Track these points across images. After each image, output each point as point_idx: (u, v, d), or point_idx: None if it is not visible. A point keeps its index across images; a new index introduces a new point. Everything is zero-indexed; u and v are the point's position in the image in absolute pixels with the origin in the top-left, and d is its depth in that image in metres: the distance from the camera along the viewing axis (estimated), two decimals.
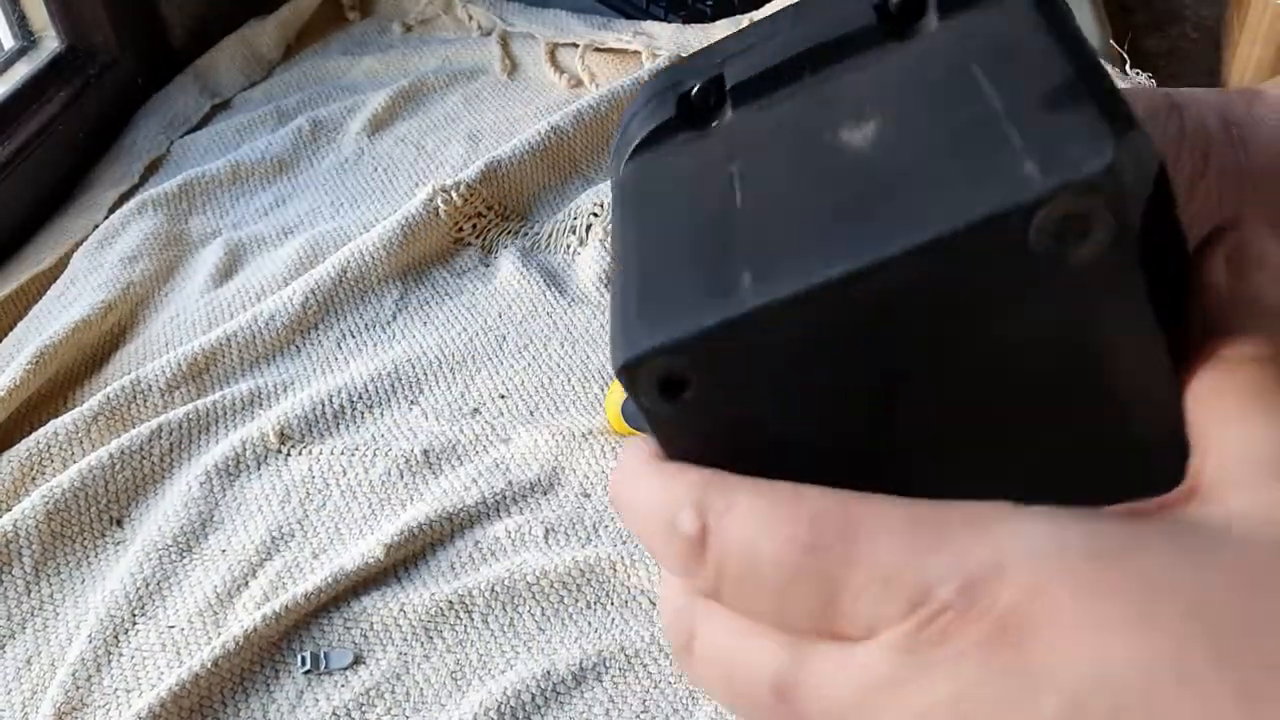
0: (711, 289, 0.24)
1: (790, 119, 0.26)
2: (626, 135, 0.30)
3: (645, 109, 0.29)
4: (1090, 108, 0.22)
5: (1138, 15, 0.99)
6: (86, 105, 0.81)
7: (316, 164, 0.80)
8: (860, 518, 0.21)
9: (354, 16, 0.97)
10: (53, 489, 0.55)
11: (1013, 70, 0.24)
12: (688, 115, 0.28)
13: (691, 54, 0.30)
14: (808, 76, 0.27)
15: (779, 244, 0.24)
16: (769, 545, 0.22)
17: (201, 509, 0.54)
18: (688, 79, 0.29)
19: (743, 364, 0.24)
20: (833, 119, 0.25)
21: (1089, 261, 0.22)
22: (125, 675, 0.48)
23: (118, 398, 0.60)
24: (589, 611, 0.49)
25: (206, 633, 0.49)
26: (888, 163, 0.24)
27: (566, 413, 0.59)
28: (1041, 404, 0.24)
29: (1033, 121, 0.23)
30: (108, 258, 0.72)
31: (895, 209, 0.23)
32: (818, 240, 0.23)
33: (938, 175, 0.23)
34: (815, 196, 0.24)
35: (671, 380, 0.24)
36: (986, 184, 0.22)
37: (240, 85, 0.90)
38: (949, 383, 0.23)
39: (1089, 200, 0.21)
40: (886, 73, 0.26)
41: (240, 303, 0.68)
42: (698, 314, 0.24)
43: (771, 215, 0.25)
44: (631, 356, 0.24)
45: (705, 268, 0.24)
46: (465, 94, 0.86)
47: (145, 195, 0.76)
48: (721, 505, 0.23)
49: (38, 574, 0.53)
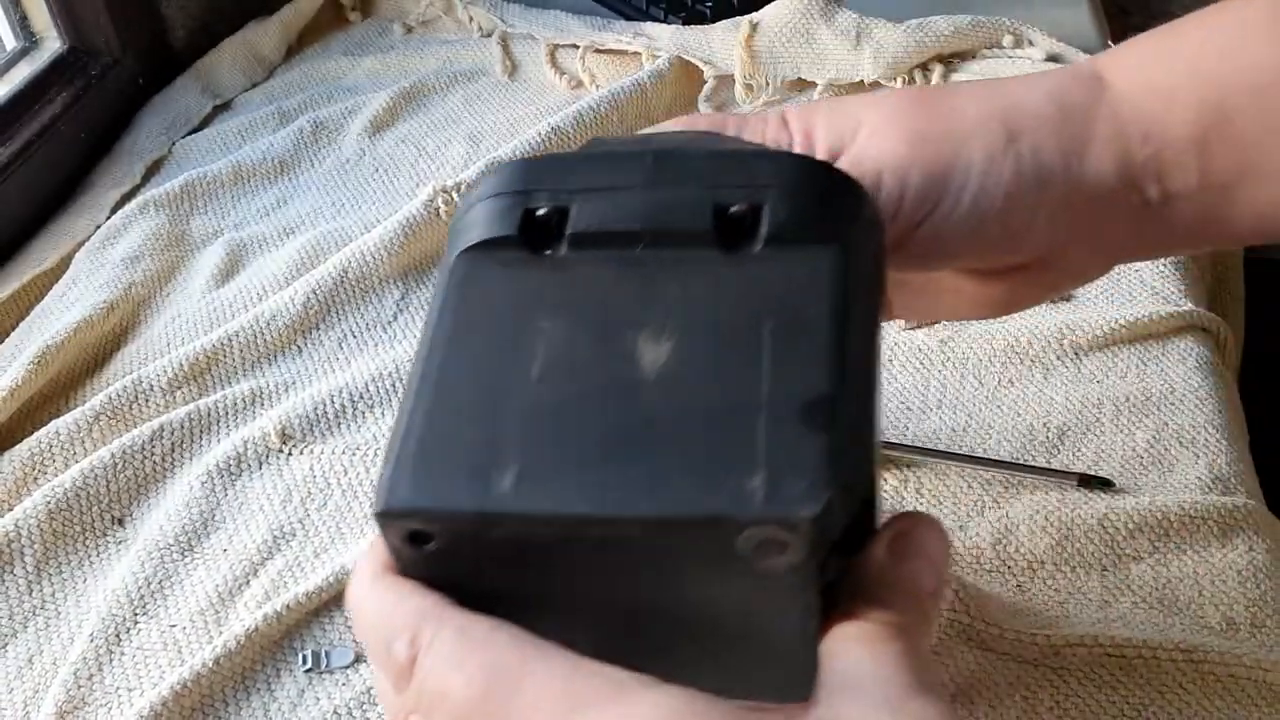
0: (477, 470, 0.27)
1: (608, 297, 0.30)
2: (465, 221, 0.32)
3: (489, 205, 0.32)
4: (828, 441, 0.26)
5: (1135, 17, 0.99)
6: (88, 106, 0.82)
7: (318, 165, 0.81)
8: (530, 671, 0.25)
9: (355, 18, 0.97)
10: (54, 489, 0.55)
11: (792, 356, 0.28)
12: (527, 237, 0.31)
13: (547, 161, 0.33)
14: (641, 250, 0.30)
15: (548, 452, 0.27)
16: (456, 683, 0.25)
17: (203, 508, 0.54)
18: (536, 194, 0.31)
19: (484, 543, 0.27)
20: (640, 320, 0.29)
21: (776, 571, 0.26)
22: (127, 674, 0.48)
23: (119, 398, 0.60)
24: None
25: (208, 632, 0.50)
26: (662, 403, 0.27)
27: None
28: (711, 636, 0.28)
29: (779, 434, 0.26)
30: (109, 258, 0.72)
31: (647, 466, 0.26)
32: (578, 467, 0.27)
33: (691, 444, 0.27)
34: (594, 409, 0.27)
35: (419, 534, 0.27)
36: (719, 482, 0.26)
37: (241, 86, 0.90)
38: (642, 610, 0.27)
39: (792, 534, 0.25)
40: (701, 291, 0.29)
41: (242, 303, 0.68)
42: (457, 493, 0.27)
43: (553, 411, 0.28)
44: (387, 509, 0.27)
45: (481, 444, 0.27)
46: (466, 95, 0.86)
47: (147, 196, 0.77)
48: (429, 638, 0.26)
49: (39, 573, 0.53)
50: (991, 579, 0.49)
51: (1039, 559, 0.50)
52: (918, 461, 0.54)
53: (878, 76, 0.78)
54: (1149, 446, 0.54)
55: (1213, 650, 0.45)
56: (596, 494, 0.26)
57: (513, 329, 0.29)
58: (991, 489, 0.53)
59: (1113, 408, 0.56)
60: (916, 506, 0.52)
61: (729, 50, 0.81)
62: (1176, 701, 0.44)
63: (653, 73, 0.81)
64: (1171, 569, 0.49)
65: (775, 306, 0.29)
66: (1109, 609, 0.48)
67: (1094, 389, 0.57)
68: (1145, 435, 0.55)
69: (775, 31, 0.80)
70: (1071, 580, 0.49)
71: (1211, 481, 0.52)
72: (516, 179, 0.32)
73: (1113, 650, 0.45)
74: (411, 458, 0.27)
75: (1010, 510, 0.52)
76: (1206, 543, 0.50)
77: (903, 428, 0.56)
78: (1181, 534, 0.50)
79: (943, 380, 0.59)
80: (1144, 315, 0.59)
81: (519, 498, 0.26)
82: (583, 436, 0.27)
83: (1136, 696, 0.45)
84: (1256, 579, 0.48)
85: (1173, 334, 0.60)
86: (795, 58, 0.80)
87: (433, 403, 0.28)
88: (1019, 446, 0.55)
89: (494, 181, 0.32)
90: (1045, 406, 0.57)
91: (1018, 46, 0.78)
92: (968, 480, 0.53)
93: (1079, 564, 0.49)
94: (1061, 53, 0.77)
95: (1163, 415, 0.56)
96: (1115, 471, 0.53)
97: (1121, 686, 0.45)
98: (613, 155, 0.32)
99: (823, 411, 0.27)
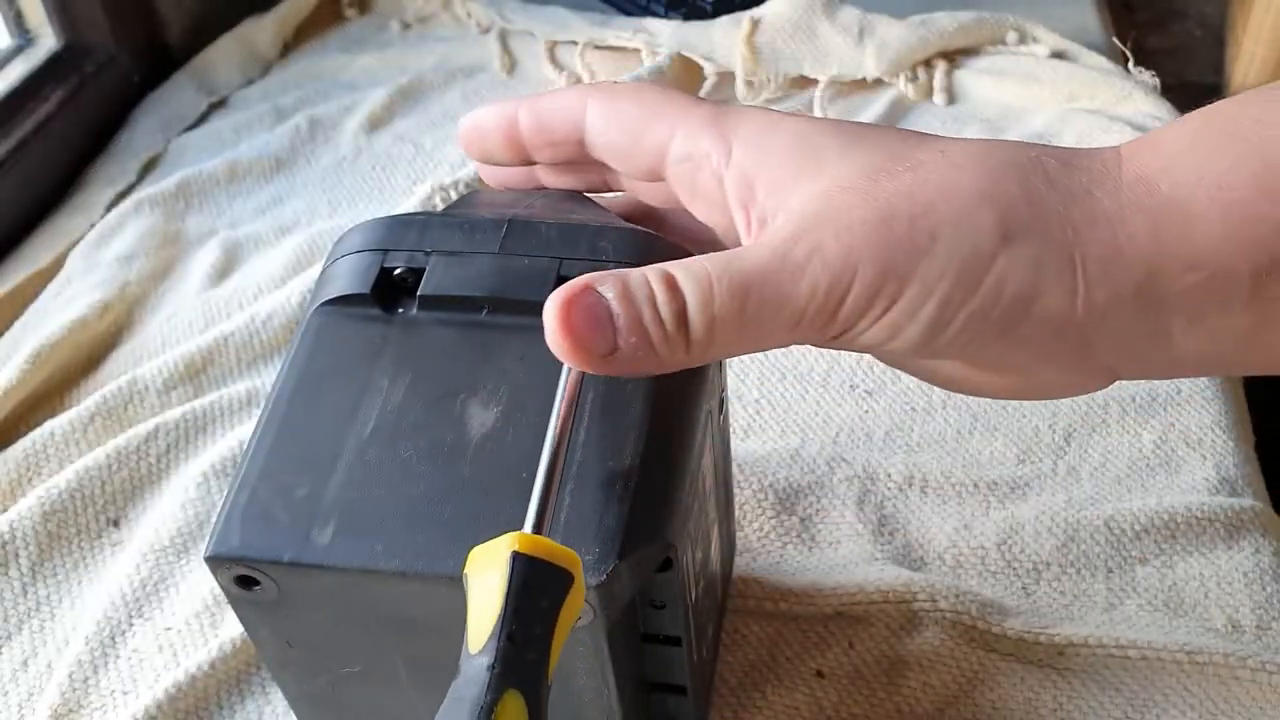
0: (299, 523, 0.30)
1: (447, 360, 0.32)
2: (328, 274, 0.35)
3: (350, 261, 0.34)
4: (623, 512, 0.29)
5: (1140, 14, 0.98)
6: (83, 104, 0.81)
7: (314, 162, 0.80)
8: None
9: (352, 14, 0.97)
10: (49, 490, 0.54)
11: (605, 428, 0.30)
12: (380, 296, 0.33)
13: (410, 220, 0.34)
14: (485, 315, 0.33)
15: (366, 510, 0.30)
16: None
17: (198, 510, 0.54)
18: (394, 254, 0.34)
19: (303, 587, 0.30)
20: (474, 385, 0.31)
21: (572, 628, 0.28)
22: (122, 677, 0.48)
23: (115, 398, 0.59)
24: None
25: (204, 634, 0.49)
26: (480, 469, 0.30)
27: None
28: None
29: (580, 504, 0.29)
30: (104, 257, 0.71)
31: (453, 529, 0.29)
32: (391, 526, 0.29)
33: (498, 510, 0.29)
34: (416, 471, 0.30)
35: (246, 579, 0.31)
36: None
37: (238, 83, 0.90)
38: (456, 659, 0.28)
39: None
40: (536, 359, 0.31)
41: (237, 302, 0.67)
42: (279, 543, 0.30)
43: (376, 470, 0.30)
44: (215, 555, 0.30)
45: (306, 498, 0.30)
46: (464, 91, 0.85)
47: (142, 194, 0.76)
48: None
49: (34, 575, 0.52)
50: (997, 581, 0.49)
51: (1044, 560, 0.49)
52: (924, 461, 0.53)
53: (881, 73, 0.78)
54: (1155, 448, 0.54)
55: (1216, 652, 0.44)
56: (405, 551, 0.29)
57: (353, 386, 0.32)
58: (998, 490, 0.52)
59: (1119, 409, 0.56)
60: (922, 508, 0.52)
61: (730, 47, 0.80)
62: (1179, 703, 0.44)
63: (653, 69, 0.80)
64: (1178, 571, 0.49)
65: (598, 382, 0.31)
66: (1114, 611, 0.48)
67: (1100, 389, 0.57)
68: (1152, 436, 0.54)
69: (777, 28, 0.79)
70: (1077, 582, 0.49)
71: (1218, 483, 0.52)
72: (379, 236, 0.34)
73: (1115, 651, 0.45)
74: (242, 508, 0.30)
75: (1016, 511, 0.51)
76: (1213, 545, 0.49)
77: (908, 429, 0.56)
78: (1188, 536, 0.50)
79: None
80: None
81: (333, 551, 0.29)
82: (399, 496, 0.30)
83: (1139, 698, 0.44)
84: (1263, 581, 0.48)
85: None
86: (797, 54, 0.79)
87: (269, 456, 0.31)
88: (1025, 448, 0.54)
89: (358, 237, 0.35)
90: (1051, 407, 0.56)
91: (1022, 43, 0.78)
92: (974, 480, 0.53)
93: (1084, 566, 0.49)
94: (1065, 49, 0.76)
95: (1169, 416, 0.55)
96: (1122, 473, 0.53)
97: (1125, 688, 0.45)
98: (471, 221, 0.34)
99: (624, 483, 0.29)
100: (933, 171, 0.29)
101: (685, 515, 0.31)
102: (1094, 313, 0.28)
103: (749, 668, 0.46)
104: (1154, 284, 0.28)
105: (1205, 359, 0.29)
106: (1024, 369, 0.30)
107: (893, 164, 0.29)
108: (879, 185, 0.28)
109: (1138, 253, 0.27)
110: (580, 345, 0.28)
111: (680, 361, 0.29)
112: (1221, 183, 0.27)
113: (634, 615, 0.33)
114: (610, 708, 0.32)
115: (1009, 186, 0.28)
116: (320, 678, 0.34)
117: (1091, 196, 0.28)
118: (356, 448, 0.31)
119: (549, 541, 0.26)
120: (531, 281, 0.32)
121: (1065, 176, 0.28)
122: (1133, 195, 0.28)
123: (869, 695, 0.45)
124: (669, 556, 0.30)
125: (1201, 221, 0.27)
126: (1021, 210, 0.28)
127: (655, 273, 0.29)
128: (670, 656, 0.35)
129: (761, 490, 0.52)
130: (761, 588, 0.48)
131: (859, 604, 0.47)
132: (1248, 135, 0.27)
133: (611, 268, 0.31)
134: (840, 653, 0.46)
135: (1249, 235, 0.27)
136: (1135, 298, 0.28)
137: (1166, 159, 0.28)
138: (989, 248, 0.28)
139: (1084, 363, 0.30)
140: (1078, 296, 0.28)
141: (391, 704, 0.34)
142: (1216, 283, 0.27)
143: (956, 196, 0.28)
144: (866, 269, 0.28)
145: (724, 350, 0.29)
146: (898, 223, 0.28)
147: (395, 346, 0.33)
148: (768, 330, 0.28)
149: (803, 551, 0.50)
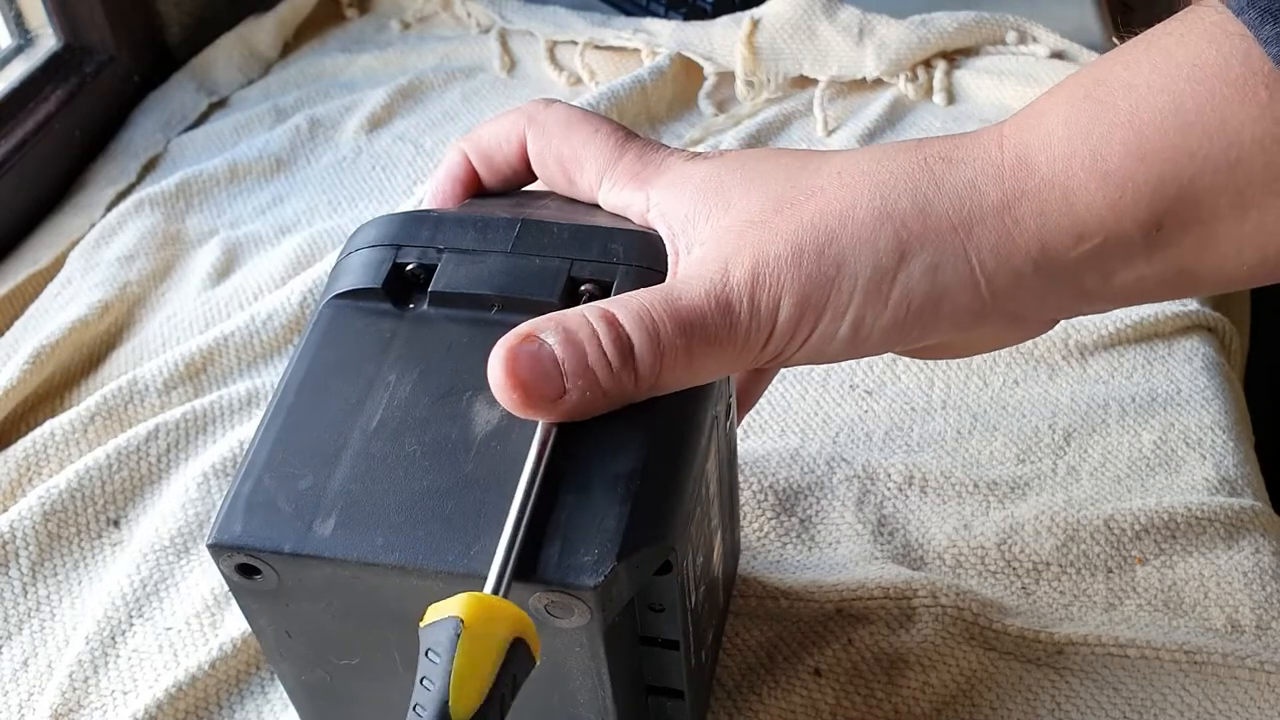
0: (302, 515, 0.30)
1: (455, 356, 0.32)
2: (341, 267, 0.35)
3: (363, 255, 0.34)
4: (624, 514, 0.29)
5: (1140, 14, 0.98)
6: (83, 103, 0.81)
7: (314, 162, 0.80)
8: None
9: (352, 14, 0.97)
10: (49, 490, 0.54)
11: (610, 429, 0.30)
12: (391, 291, 0.34)
13: (424, 216, 0.35)
14: (495, 313, 0.33)
15: (368, 503, 0.30)
16: None
17: (199, 510, 0.54)
18: (407, 249, 0.34)
19: (304, 578, 0.31)
20: (480, 383, 0.31)
21: (567, 628, 0.29)
22: (122, 677, 0.48)
23: (115, 398, 0.59)
24: None
25: (204, 634, 0.49)
26: (483, 466, 0.30)
27: None
28: (526, 683, 0.30)
29: (582, 505, 0.29)
30: (104, 257, 0.71)
31: (454, 525, 0.29)
32: (393, 520, 0.30)
33: (499, 509, 0.29)
34: (419, 466, 0.30)
35: (247, 567, 0.31)
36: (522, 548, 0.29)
37: (238, 83, 0.90)
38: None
39: (576, 601, 0.28)
40: None
41: (238, 302, 0.67)
42: (280, 534, 0.30)
43: (380, 464, 0.31)
44: (217, 543, 0.30)
45: (310, 490, 0.30)
46: (464, 91, 0.85)
47: (142, 194, 0.76)
48: None
49: (34, 575, 0.52)
50: (996, 580, 0.49)
51: (1044, 560, 0.49)
52: (924, 461, 0.53)
53: (880, 73, 0.78)
54: (1155, 447, 0.54)
55: (1215, 652, 0.44)
56: (406, 545, 0.29)
57: (361, 380, 0.32)
58: (997, 490, 0.52)
59: (1119, 408, 0.56)
60: (921, 508, 0.52)
61: (730, 47, 0.80)
62: (1178, 703, 0.44)
63: (653, 69, 0.80)
64: (1177, 571, 0.49)
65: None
66: (1114, 611, 0.48)
67: (1100, 389, 0.57)
68: (1152, 436, 0.54)
69: (777, 28, 0.79)
70: (1076, 582, 0.49)
71: (1218, 483, 0.52)
72: (393, 232, 0.34)
73: (1115, 651, 0.45)
74: (246, 497, 0.31)
75: (1016, 511, 0.51)
76: (1213, 544, 0.49)
77: (907, 429, 0.56)
78: (1188, 536, 0.50)
79: (947, 381, 0.58)
80: (1149, 315, 0.59)
81: (334, 543, 0.30)
82: (402, 491, 0.30)
83: (1138, 698, 0.44)
84: (1262, 581, 0.48)
85: (1179, 334, 0.59)
86: (797, 54, 0.79)
87: (274, 446, 0.32)
88: (1025, 448, 0.54)
89: (373, 232, 0.35)
90: (1051, 407, 0.56)
91: (1021, 43, 0.78)
92: (974, 480, 0.53)
93: (1084, 566, 0.49)
94: (1065, 49, 0.76)
95: (1169, 416, 0.55)
96: (1122, 473, 0.53)
97: (1124, 688, 0.45)
98: (484, 220, 0.34)
99: (626, 485, 0.29)
100: (832, 198, 0.31)
101: (687, 519, 0.31)
102: (1001, 295, 0.30)
103: (746, 669, 0.46)
104: (1050, 259, 0.30)
105: (1137, 294, 0.31)
106: (963, 343, 0.34)
107: (794, 194, 0.31)
108: (784, 217, 0.31)
109: (1027, 235, 0.29)
110: (530, 396, 0.29)
111: (627, 396, 0.30)
112: (1096, 153, 0.28)
113: (632, 617, 0.33)
114: (605, 709, 0.32)
115: (900, 202, 0.30)
116: (318, 669, 0.35)
117: (978, 191, 0.30)
118: (361, 441, 0.31)
119: (499, 605, 0.27)
120: (542, 282, 0.32)
121: (952, 175, 0.30)
122: (1015, 181, 0.29)
123: (867, 695, 0.45)
124: (668, 560, 0.30)
125: (1082, 193, 0.29)
126: (915, 224, 0.30)
127: (593, 311, 0.30)
128: (668, 660, 0.35)
129: (761, 490, 0.52)
130: (761, 586, 0.48)
131: (859, 600, 0.47)
132: (1118, 103, 0.28)
133: (622, 270, 0.32)
134: (839, 650, 0.46)
135: (1129, 200, 0.28)
136: (1036, 273, 0.30)
137: (1043, 135, 0.30)
138: (889, 265, 0.30)
139: (1016, 323, 0.33)
140: (980, 288, 0.30)
141: (388, 696, 0.34)
142: (1111, 245, 0.29)
143: (854, 221, 0.30)
144: (786, 305, 0.30)
145: (668, 385, 0.31)
146: (806, 257, 0.30)
147: (404, 341, 0.33)
148: (711, 366, 0.31)
149: (802, 551, 0.50)
